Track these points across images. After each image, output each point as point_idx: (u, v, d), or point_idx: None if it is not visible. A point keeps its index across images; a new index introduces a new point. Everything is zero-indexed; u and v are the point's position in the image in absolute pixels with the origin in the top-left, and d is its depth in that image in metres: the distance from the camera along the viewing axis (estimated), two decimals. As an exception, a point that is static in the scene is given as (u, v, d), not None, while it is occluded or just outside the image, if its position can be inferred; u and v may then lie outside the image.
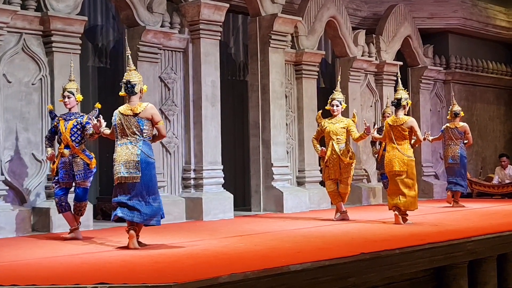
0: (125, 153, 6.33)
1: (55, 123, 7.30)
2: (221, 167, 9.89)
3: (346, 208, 9.00)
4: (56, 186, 7.24)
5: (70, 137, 7.17)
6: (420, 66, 13.95)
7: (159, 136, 6.57)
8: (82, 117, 7.23)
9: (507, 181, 13.42)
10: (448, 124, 11.50)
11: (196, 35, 9.73)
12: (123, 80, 6.49)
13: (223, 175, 9.92)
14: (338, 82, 9.41)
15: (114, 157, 6.39)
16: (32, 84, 8.27)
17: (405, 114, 8.43)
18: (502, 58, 16.23)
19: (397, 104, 8.42)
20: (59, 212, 7.31)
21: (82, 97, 7.46)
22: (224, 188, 9.88)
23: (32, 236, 7.61)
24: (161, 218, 6.49)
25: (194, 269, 5.04)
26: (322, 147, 8.95)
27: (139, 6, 9.17)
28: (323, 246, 6.26)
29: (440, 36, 14.73)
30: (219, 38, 9.99)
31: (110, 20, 10.21)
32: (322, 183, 11.54)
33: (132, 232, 6.26)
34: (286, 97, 11.11)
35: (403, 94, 8.49)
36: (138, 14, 9.15)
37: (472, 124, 15.27)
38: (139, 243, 6.32)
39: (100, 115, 7.02)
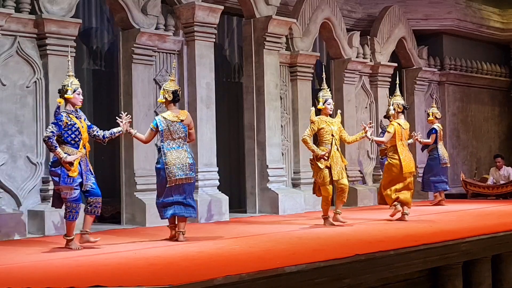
0: (177, 156, 7.00)
1: (67, 121, 6.53)
2: (216, 169, 9.89)
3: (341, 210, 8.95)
4: (79, 191, 6.63)
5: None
6: (414, 67, 13.98)
7: (191, 140, 7.38)
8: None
9: (501, 182, 13.45)
10: (439, 125, 11.64)
11: (190, 37, 9.74)
12: (170, 89, 7.11)
13: (218, 177, 9.92)
14: (324, 80, 8.96)
15: (165, 160, 6.95)
16: (27, 87, 8.26)
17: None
18: (496, 59, 16.28)
19: (405, 109, 9.22)
20: (74, 219, 6.60)
21: None
22: (219, 190, 9.87)
23: (27, 239, 7.60)
24: None
25: (189, 271, 5.04)
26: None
27: (134, 8, 9.17)
28: (318, 248, 6.27)
29: (434, 37, 14.78)
30: (214, 40, 10.00)
31: (104, 23, 10.21)
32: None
33: (183, 225, 7.08)
34: (281, 98, 11.12)
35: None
36: (132, 16, 9.15)
37: (467, 125, 15.35)
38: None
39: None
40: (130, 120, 7.14)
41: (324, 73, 9.10)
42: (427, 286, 6.35)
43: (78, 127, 6.58)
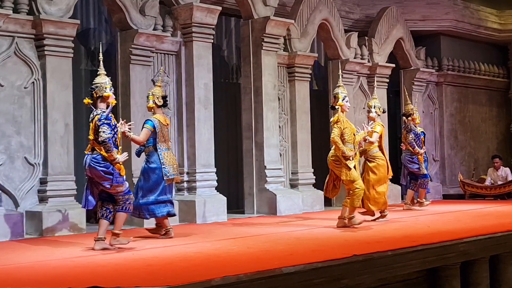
0: (171, 157, 7.49)
1: (114, 121, 6.59)
2: (214, 169, 9.89)
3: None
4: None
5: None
6: (412, 68, 13.99)
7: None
8: None
9: (499, 183, 13.47)
10: (421, 128, 11.68)
11: (188, 38, 9.74)
12: (159, 94, 7.54)
13: (216, 178, 9.92)
14: (340, 77, 8.86)
15: (162, 160, 7.35)
16: (25, 88, 8.25)
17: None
18: (494, 60, 16.30)
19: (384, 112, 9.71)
20: (130, 211, 6.72)
21: None
22: (217, 191, 9.87)
23: (25, 240, 7.59)
24: None
25: (187, 272, 5.04)
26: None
27: (132, 9, 9.17)
28: (316, 248, 6.27)
29: (432, 38, 14.80)
30: (212, 41, 10.00)
31: (102, 23, 10.21)
32: (315, 185, 11.58)
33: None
34: (279, 99, 11.12)
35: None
36: (130, 17, 9.15)
37: (464, 125, 15.37)
38: None
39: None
40: (131, 125, 7.17)
41: (340, 70, 9.32)
42: (425, 287, 6.35)
43: (118, 128, 6.67)
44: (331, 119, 8.37)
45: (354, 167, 8.06)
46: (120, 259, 5.82)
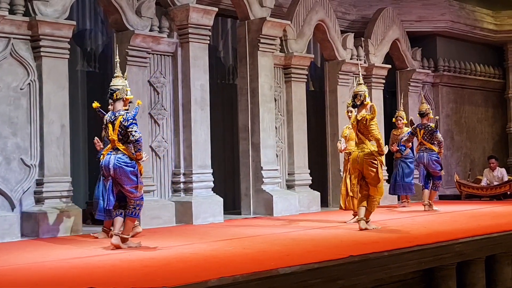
0: None
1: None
2: (211, 170, 9.89)
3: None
4: None
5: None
6: (408, 69, 14.02)
7: None
8: None
9: (495, 183, 13.49)
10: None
11: (185, 39, 9.74)
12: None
13: (213, 179, 9.92)
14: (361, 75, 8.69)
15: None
16: (21, 89, 8.24)
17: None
18: (489, 61, 16.34)
19: None
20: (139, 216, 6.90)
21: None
22: (213, 192, 9.87)
23: (21, 242, 7.58)
24: None
25: (184, 273, 5.04)
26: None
27: (128, 10, 9.17)
28: (312, 249, 6.27)
29: (428, 39, 14.82)
30: (208, 42, 10.00)
31: (98, 25, 10.21)
32: (311, 186, 11.59)
33: None
34: (275, 100, 11.13)
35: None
36: (126, 18, 9.15)
37: (460, 126, 15.40)
38: None
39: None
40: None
41: (359, 67, 9.33)
42: (421, 287, 6.36)
43: None
44: (364, 115, 7.86)
45: None
46: (117, 260, 5.82)
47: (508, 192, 13.16)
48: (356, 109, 8.11)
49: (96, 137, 7.76)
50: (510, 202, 12.52)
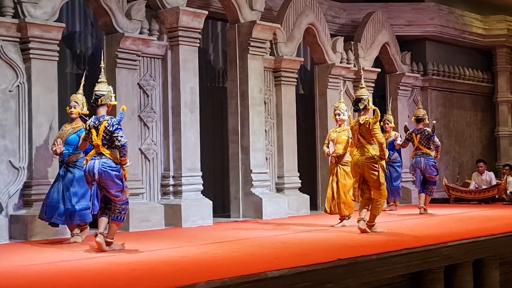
0: None
1: None
2: (200, 173, 9.89)
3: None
4: None
5: None
6: (398, 72, 14.08)
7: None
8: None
9: (484, 187, 13.56)
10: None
11: (175, 42, 9.74)
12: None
13: (202, 182, 9.92)
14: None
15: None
16: (10, 91, 8.21)
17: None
18: (478, 65, 16.44)
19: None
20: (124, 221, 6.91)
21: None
22: (203, 195, 9.87)
23: (9, 244, 7.55)
24: None
25: (172, 276, 5.04)
26: None
27: (118, 13, 9.16)
28: (301, 252, 6.28)
29: (417, 43, 14.90)
30: (198, 44, 10.01)
31: (88, 27, 10.18)
32: (301, 189, 11.61)
33: None
34: (265, 103, 11.14)
35: None
36: (116, 21, 9.14)
37: (449, 130, 15.48)
38: None
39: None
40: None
41: (362, 71, 9.27)
42: (409, 291, 6.39)
43: None
44: (368, 119, 7.81)
45: None
46: (105, 263, 5.80)
47: (496, 196, 13.23)
48: (350, 113, 8.25)
49: (59, 139, 7.58)
50: (498, 206, 12.60)
